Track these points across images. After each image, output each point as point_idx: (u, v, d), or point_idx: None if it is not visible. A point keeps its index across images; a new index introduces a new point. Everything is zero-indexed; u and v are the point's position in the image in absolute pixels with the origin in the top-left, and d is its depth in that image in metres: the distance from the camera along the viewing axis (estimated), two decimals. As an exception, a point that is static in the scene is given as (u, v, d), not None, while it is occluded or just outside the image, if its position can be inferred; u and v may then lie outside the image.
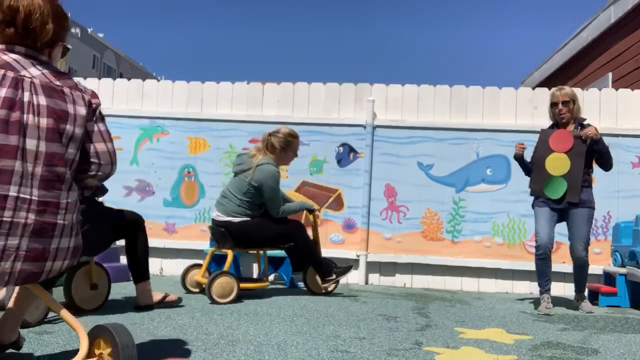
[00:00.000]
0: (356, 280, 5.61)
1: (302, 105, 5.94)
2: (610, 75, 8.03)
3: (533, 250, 4.36)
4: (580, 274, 4.22)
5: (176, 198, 5.85)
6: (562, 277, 5.23)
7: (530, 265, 5.35)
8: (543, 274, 4.15)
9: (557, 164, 4.11)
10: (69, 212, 1.81)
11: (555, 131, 4.19)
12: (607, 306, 4.47)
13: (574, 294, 4.38)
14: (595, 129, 4.08)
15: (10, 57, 1.79)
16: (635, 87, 6.43)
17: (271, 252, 4.88)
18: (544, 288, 4.14)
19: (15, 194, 1.67)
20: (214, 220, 4.32)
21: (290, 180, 5.76)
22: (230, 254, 4.16)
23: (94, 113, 1.95)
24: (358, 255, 5.60)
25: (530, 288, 5.39)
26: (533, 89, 6.04)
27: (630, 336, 3.18)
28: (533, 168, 4.29)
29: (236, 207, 4.19)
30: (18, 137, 1.70)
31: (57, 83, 1.85)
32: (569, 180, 4.06)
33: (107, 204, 3.53)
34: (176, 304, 3.60)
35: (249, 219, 4.20)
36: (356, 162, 5.75)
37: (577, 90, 4.72)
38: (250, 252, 4.87)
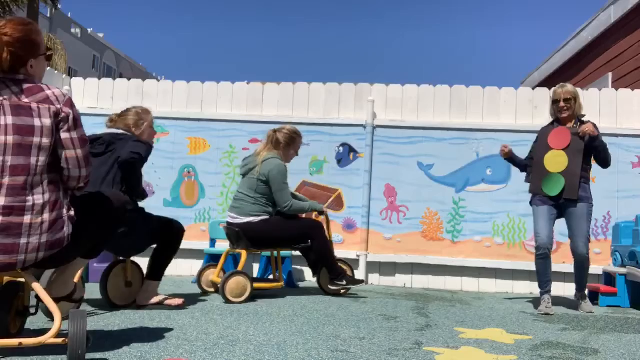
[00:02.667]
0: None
1: (302, 105, 5.94)
2: (610, 75, 8.04)
3: (533, 250, 4.36)
4: (581, 273, 4.22)
5: (176, 198, 5.84)
6: (562, 277, 5.23)
7: (530, 265, 5.34)
8: (543, 274, 4.15)
9: (555, 161, 4.12)
10: (38, 213, 2.10)
11: (553, 129, 4.21)
12: (607, 306, 4.47)
13: (574, 293, 4.38)
14: (594, 124, 4.08)
15: None
16: (635, 87, 6.43)
17: (267, 252, 4.89)
18: (545, 289, 4.13)
19: None
20: (229, 223, 4.30)
21: (290, 180, 5.71)
22: (244, 254, 4.19)
23: (64, 122, 2.18)
24: (358, 255, 5.60)
25: (530, 288, 5.39)
26: (533, 89, 6.04)
27: (630, 336, 3.18)
28: (532, 166, 4.30)
29: (252, 205, 4.21)
30: None
31: (26, 100, 2.13)
32: (566, 177, 4.07)
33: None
34: (177, 308, 3.53)
35: (268, 217, 4.23)
36: (356, 162, 5.75)
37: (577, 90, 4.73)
38: (254, 252, 4.85)
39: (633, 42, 7.48)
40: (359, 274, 5.58)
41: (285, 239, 4.28)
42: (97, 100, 6.17)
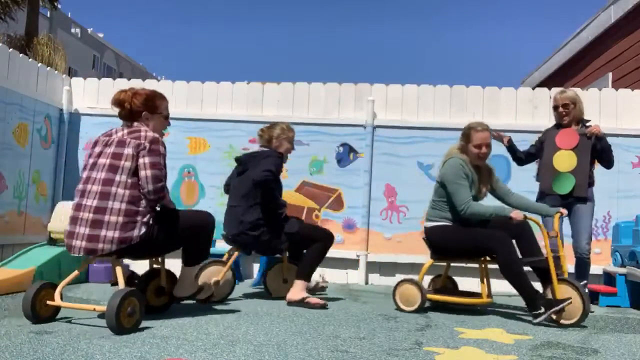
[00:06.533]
0: (356, 280, 5.60)
1: (302, 105, 5.93)
2: (610, 75, 8.03)
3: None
4: (582, 272, 4.23)
5: (176, 197, 5.84)
6: (562, 277, 5.22)
7: (530, 265, 5.36)
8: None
9: (565, 160, 4.21)
10: (115, 214, 2.94)
11: (561, 130, 4.28)
12: (607, 306, 4.47)
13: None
14: (598, 127, 4.21)
15: (115, 129, 3.18)
16: (635, 87, 6.42)
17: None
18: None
19: (84, 202, 3.00)
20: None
21: (290, 180, 5.75)
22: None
23: (142, 150, 3.04)
24: (358, 255, 5.60)
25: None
26: (533, 89, 6.04)
27: (630, 336, 3.18)
28: (540, 166, 4.39)
29: (430, 209, 3.96)
30: (89, 171, 3.07)
31: (127, 137, 3.09)
32: (576, 176, 4.15)
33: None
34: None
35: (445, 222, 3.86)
36: (356, 162, 5.75)
37: (577, 91, 4.73)
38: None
39: (633, 42, 7.48)
40: (359, 274, 5.58)
41: (458, 250, 3.83)
42: (97, 100, 6.17)
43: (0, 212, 5.11)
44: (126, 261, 3.77)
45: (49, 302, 2.94)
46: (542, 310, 3.40)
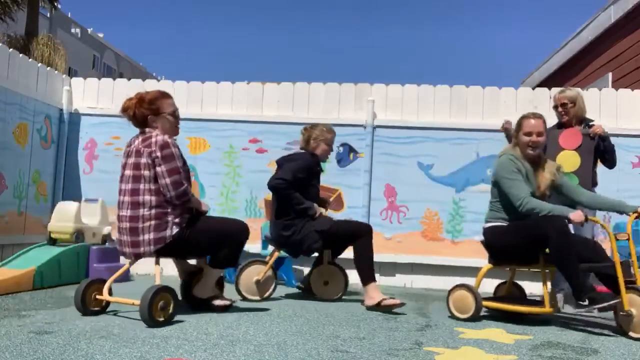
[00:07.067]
0: (356, 280, 5.59)
1: (302, 105, 5.93)
2: (610, 75, 8.03)
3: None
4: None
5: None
6: (562, 277, 5.22)
7: (530, 265, 5.35)
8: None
9: (568, 160, 4.20)
10: (146, 219, 3.21)
11: (565, 130, 4.28)
12: (607, 306, 4.46)
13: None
14: (601, 127, 4.20)
15: (134, 137, 3.36)
16: (635, 87, 6.42)
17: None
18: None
19: (121, 213, 3.29)
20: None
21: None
22: None
23: (157, 159, 3.21)
24: (358, 255, 5.59)
25: (530, 288, 5.38)
26: (533, 89, 6.04)
27: (630, 336, 3.18)
28: None
29: (488, 211, 3.75)
30: (120, 183, 3.34)
31: (140, 146, 3.25)
32: (580, 176, 4.15)
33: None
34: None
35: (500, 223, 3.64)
36: (356, 162, 5.75)
37: (578, 91, 4.74)
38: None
39: (633, 42, 7.48)
40: (359, 274, 5.57)
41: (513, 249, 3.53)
42: (97, 100, 6.17)
43: (0, 212, 5.11)
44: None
45: (97, 297, 3.23)
46: (586, 302, 3.21)
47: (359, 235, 4.05)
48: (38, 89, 5.69)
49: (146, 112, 3.29)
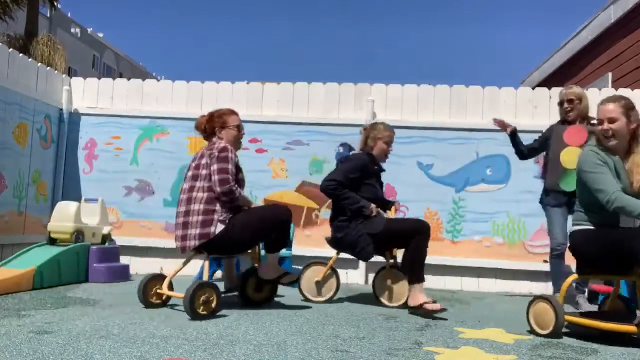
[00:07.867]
0: (356, 280, 5.60)
1: (302, 105, 5.93)
2: (610, 75, 8.02)
3: (533, 250, 4.36)
4: None
5: (176, 198, 5.83)
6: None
7: (531, 265, 5.35)
8: (560, 274, 4.08)
9: (572, 157, 4.15)
10: (195, 215, 3.48)
11: (570, 126, 4.23)
12: (607, 306, 4.46)
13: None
14: None
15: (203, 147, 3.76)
16: (635, 87, 6.42)
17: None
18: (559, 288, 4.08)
19: (178, 210, 3.60)
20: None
21: (290, 180, 5.76)
22: None
23: (212, 159, 3.54)
24: (358, 255, 5.59)
25: (530, 288, 5.39)
26: (533, 89, 6.04)
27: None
28: (548, 162, 4.34)
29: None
30: (183, 182, 3.70)
31: (205, 151, 3.65)
32: None
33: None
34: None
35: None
36: (356, 162, 5.74)
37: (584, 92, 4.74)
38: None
39: (633, 42, 7.47)
40: (359, 274, 5.58)
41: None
42: (97, 100, 6.17)
43: (0, 212, 5.11)
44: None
45: (159, 291, 3.53)
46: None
47: (415, 234, 3.87)
48: (38, 89, 5.69)
49: (215, 125, 3.76)
